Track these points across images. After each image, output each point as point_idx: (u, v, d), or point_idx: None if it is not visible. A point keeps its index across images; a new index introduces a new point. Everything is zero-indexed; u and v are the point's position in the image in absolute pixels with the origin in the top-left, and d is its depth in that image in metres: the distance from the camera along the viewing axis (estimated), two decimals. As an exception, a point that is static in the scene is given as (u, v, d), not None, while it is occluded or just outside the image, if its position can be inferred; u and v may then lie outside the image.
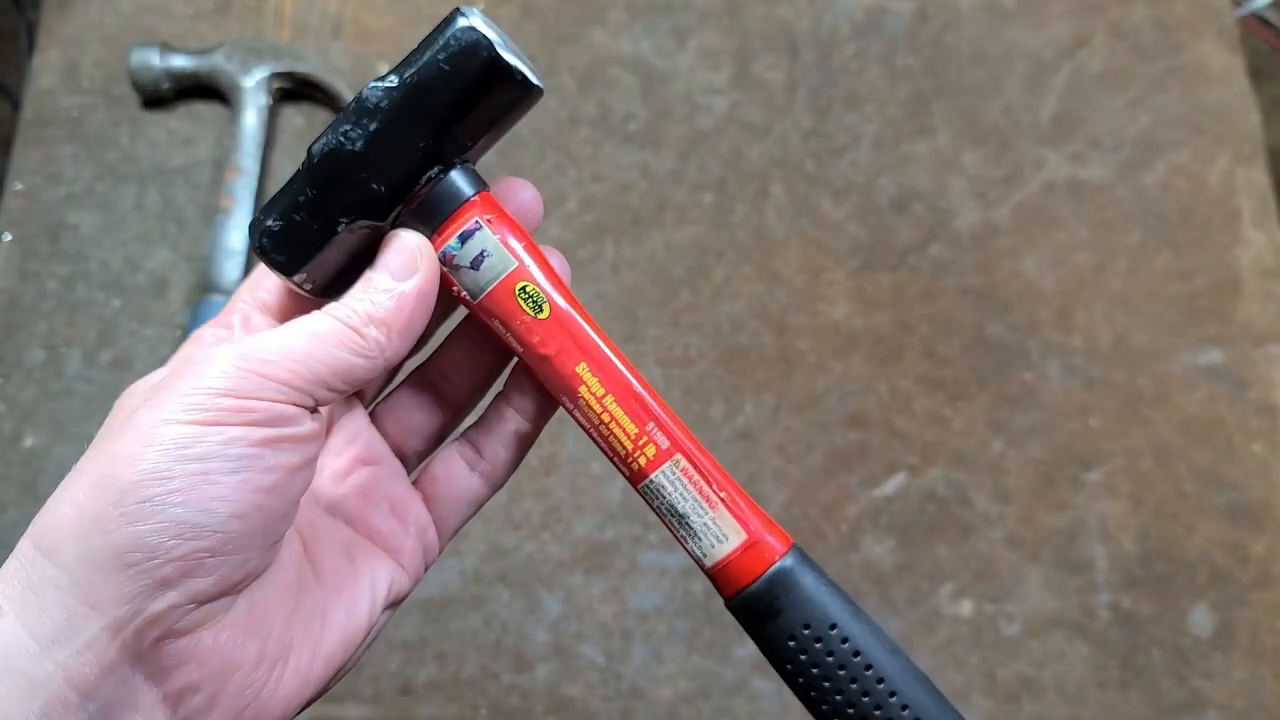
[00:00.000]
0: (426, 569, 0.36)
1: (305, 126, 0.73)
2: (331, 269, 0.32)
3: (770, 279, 0.72)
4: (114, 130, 0.72)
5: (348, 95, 0.71)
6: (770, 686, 0.63)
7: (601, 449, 0.33)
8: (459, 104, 0.30)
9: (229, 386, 0.27)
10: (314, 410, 0.30)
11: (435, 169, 0.31)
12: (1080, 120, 0.77)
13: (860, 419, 0.69)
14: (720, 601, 0.34)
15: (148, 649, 0.27)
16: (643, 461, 0.32)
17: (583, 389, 0.32)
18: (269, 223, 0.32)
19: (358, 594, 0.33)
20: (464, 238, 0.31)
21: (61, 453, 0.64)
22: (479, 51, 0.29)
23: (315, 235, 0.31)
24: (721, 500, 0.32)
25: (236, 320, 0.34)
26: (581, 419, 0.33)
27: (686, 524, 0.32)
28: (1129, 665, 0.64)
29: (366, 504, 0.35)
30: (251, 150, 0.69)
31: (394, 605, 0.34)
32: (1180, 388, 0.71)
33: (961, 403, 0.69)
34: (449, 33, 0.29)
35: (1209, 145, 0.77)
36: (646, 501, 0.33)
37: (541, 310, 0.32)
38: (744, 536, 0.32)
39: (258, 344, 0.29)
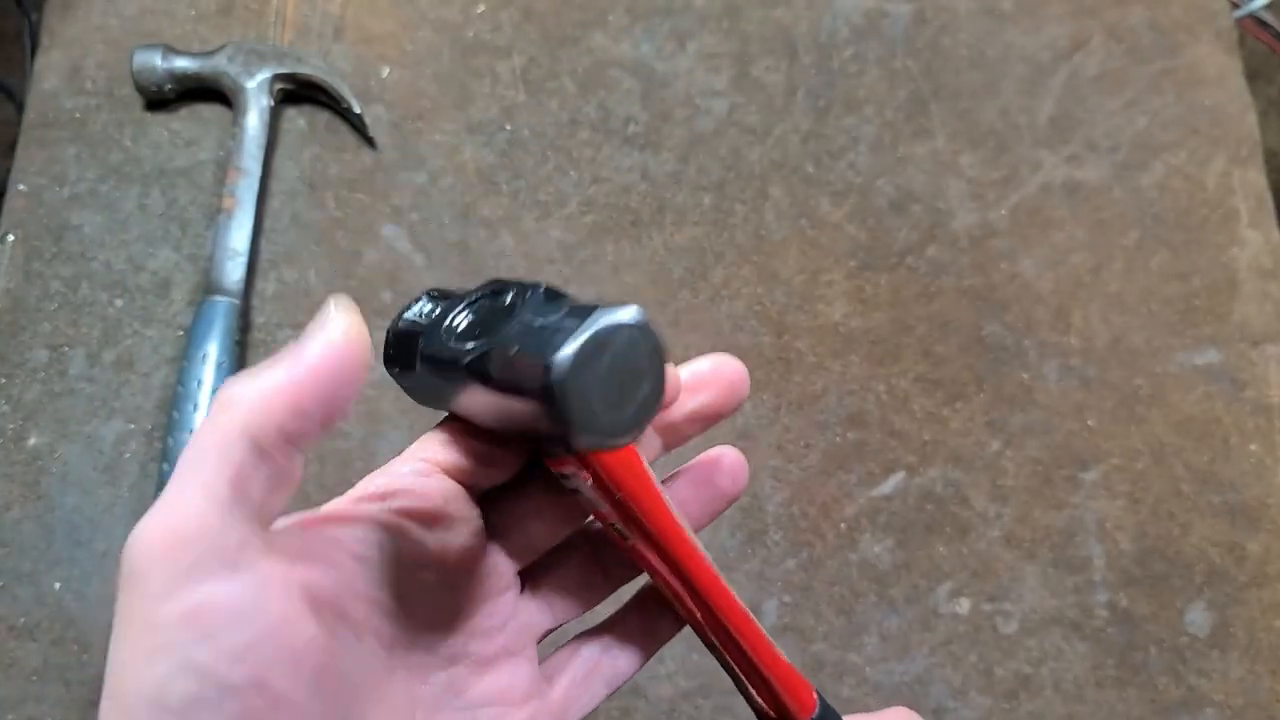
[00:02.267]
0: None
1: (307, 128, 0.74)
2: None
3: (769, 280, 0.72)
4: (117, 131, 0.73)
5: (350, 97, 0.71)
6: (769, 684, 0.63)
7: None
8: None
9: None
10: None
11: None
12: (1077, 122, 0.78)
13: (858, 418, 0.69)
14: None
15: None
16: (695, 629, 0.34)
17: (659, 582, 0.33)
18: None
19: None
20: (561, 477, 0.30)
21: (65, 452, 0.65)
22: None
23: None
24: (743, 681, 0.34)
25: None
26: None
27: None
28: (1126, 663, 0.65)
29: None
30: (254, 151, 0.69)
31: None
32: (1177, 388, 0.71)
33: (959, 402, 0.70)
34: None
35: (1206, 146, 0.77)
36: None
37: (626, 539, 0.31)
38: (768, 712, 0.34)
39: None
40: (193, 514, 0.22)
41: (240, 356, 0.66)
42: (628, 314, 0.26)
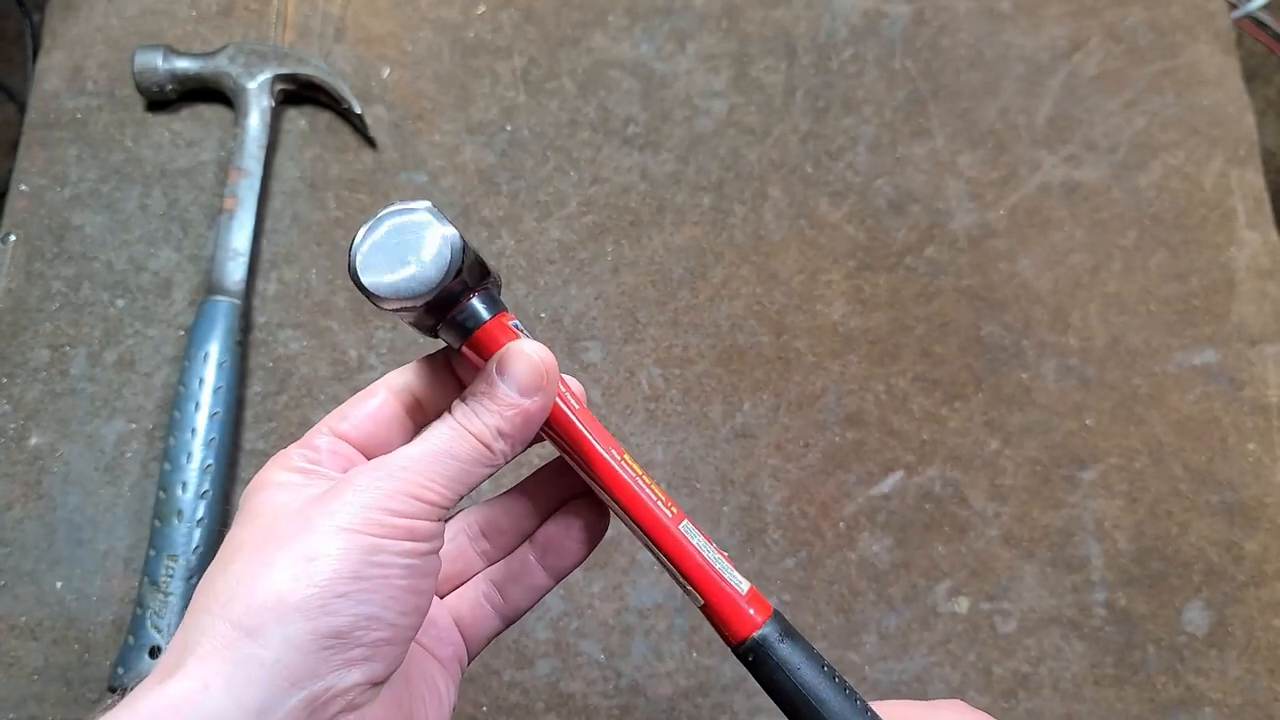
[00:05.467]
0: (457, 687, 0.41)
1: (308, 128, 0.74)
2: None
3: (768, 280, 0.72)
4: (118, 132, 0.73)
5: (350, 98, 0.72)
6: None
7: (642, 495, 0.37)
8: None
9: (395, 507, 0.32)
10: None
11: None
12: (1076, 122, 0.78)
13: (857, 418, 0.69)
14: None
15: None
16: (672, 510, 0.37)
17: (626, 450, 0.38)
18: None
19: (441, 695, 0.38)
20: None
21: (67, 452, 0.65)
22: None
23: None
24: (723, 556, 0.37)
25: (323, 444, 0.37)
26: (626, 471, 0.37)
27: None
28: (1124, 662, 0.65)
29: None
30: (255, 152, 0.70)
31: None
32: (1175, 387, 0.71)
33: (958, 402, 0.70)
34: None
35: (1204, 147, 0.78)
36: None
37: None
38: (746, 584, 0.37)
39: (411, 468, 0.33)
40: None
41: (241, 356, 0.66)
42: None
